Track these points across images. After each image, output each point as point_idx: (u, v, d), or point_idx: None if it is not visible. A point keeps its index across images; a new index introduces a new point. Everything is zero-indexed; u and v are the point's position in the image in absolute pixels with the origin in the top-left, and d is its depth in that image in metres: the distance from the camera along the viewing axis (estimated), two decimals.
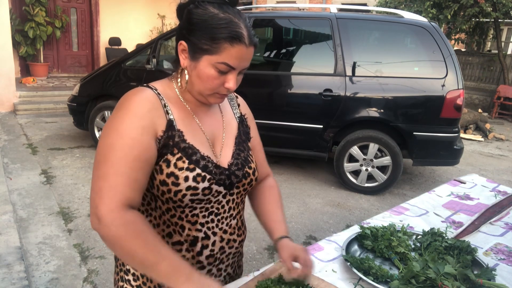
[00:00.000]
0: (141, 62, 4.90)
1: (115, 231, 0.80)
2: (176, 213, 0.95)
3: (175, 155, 0.91)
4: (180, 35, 0.93)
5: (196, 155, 0.94)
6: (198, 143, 0.96)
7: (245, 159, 1.05)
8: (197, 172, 0.92)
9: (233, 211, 1.04)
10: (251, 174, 1.05)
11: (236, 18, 0.88)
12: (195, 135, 0.97)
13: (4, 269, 2.45)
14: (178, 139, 0.92)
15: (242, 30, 0.87)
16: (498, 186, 2.07)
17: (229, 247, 1.04)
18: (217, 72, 0.89)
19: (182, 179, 0.90)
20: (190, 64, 0.92)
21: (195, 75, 0.91)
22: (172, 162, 0.91)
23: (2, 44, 6.67)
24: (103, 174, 0.83)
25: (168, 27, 10.37)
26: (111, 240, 0.81)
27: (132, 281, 1.01)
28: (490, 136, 7.50)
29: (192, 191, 0.92)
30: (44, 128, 6.10)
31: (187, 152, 0.93)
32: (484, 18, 9.41)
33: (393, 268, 1.22)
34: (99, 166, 0.85)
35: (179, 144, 0.92)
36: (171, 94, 0.97)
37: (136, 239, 0.81)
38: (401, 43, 4.31)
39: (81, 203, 3.62)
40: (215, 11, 0.88)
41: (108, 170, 0.83)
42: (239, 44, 0.87)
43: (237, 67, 0.90)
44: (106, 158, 0.84)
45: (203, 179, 0.93)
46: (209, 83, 0.91)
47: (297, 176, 4.67)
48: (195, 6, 0.90)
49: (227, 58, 0.88)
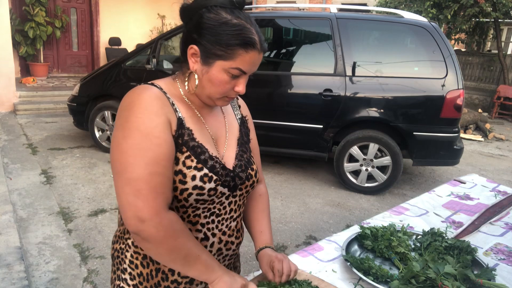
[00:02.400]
0: (141, 62, 4.90)
1: (162, 232, 0.83)
2: (178, 213, 0.95)
3: (183, 153, 0.91)
4: (190, 39, 0.92)
5: (204, 154, 0.94)
6: (206, 142, 0.97)
7: (248, 160, 1.06)
8: (204, 172, 0.92)
9: (234, 213, 1.04)
10: (253, 176, 1.06)
11: (248, 23, 0.89)
12: (201, 134, 0.97)
13: (4, 269, 2.45)
14: (188, 137, 0.93)
15: (255, 36, 0.89)
16: (498, 186, 2.07)
17: (227, 249, 1.04)
18: (229, 76, 0.90)
19: (190, 177, 0.91)
20: (202, 69, 0.91)
21: (207, 79, 0.91)
22: (181, 160, 0.91)
23: (2, 44, 6.67)
24: (138, 175, 0.82)
25: (168, 27, 10.36)
26: (157, 240, 0.84)
27: (128, 280, 1.01)
28: (490, 136, 7.50)
29: (198, 191, 0.92)
30: (44, 128, 6.10)
31: (195, 151, 0.93)
32: (484, 18, 9.40)
33: (393, 268, 1.22)
34: (130, 168, 0.83)
35: (188, 143, 0.92)
36: (175, 92, 0.97)
37: (179, 237, 0.86)
38: (401, 43, 4.31)
39: (81, 203, 3.62)
40: (228, 17, 0.88)
41: (143, 171, 0.83)
42: (253, 50, 0.89)
43: (248, 72, 0.92)
44: (137, 159, 0.83)
45: (210, 179, 0.93)
46: (221, 87, 0.92)
47: (297, 176, 4.67)
48: (207, 10, 0.89)
49: (241, 63, 0.89)
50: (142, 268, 0.99)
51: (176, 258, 0.87)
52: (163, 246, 0.85)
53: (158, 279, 0.99)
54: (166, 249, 0.85)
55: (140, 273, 0.99)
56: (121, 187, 0.84)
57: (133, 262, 1.00)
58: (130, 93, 0.91)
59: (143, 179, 0.82)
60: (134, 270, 1.00)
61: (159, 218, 0.83)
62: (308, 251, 1.32)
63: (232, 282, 0.92)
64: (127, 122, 0.86)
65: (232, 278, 0.93)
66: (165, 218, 0.84)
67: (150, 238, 0.83)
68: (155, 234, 0.83)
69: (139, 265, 0.99)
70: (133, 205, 0.82)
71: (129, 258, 1.00)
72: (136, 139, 0.84)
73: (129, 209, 0.83)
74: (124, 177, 0.83)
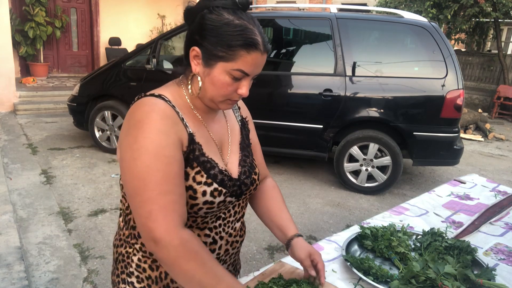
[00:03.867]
0: (141, 62, 4.89)
1: (174, 252, 0.81)
2: (187, 222, 0.95)
3: (194, 168, 0.91)
4: (192, 41, 0.90)
5: (214, 169, 0.93)
6: (213, 154, 0.96)
7: (251, 165, 1.06)
8: (214, 187, 0.92)
9: (238, 215, 1.06)
10: (257, 180, 1.07)
11: (250, 24, 0.87)
12: (209, 146, 0.96)
13: (4, 269, 2.45)
14: (198, 152, 0.92)
15: (257, 37, 0.86)
16: (498, 186, 2.07)
17: (233, 249, 1.06)
18: (232, 79, 0.88)
19: (200, 193, 0.90)
20: (204, 71, 0.90)
21: (209, 81, 0.90)
22: (191, 176, 0.90)
23: (2, 44, 6.67)
24: (149, 197, 0.82)
25: (168, 27, 10.36)
26: (171, 261, 0.82)
27: (135, 283, 1.00)
28: (490, 136, 7.50)
29: (208, 205, 0.92)
30: (44, 128, 6.10)
31: (205, 166, 0.92)
32: (484, 18, 9.41)
33: (393, 268, 1.22)
34: (140, 191, 0.82)
35: (199, 158, 0.92)
36: (182, 103, 0.95)
37: (194, 259, 0.82)
38: (401, 43, 4.31)
39: (81, 203, 3.62)
40: (230, 17, 0.86)
41: (152, 192, 0.82)
42: (255, 51, 0.86)
43: (251, 74, 0.90)
44: (147, 181, 0.82)
45: (220, 193, 0.93)
46: (223, 90, 0.90)
47: (297, 176, 4.67)
48: (209, 11, 0.87)
49: (242, 65, 0.87)
50: (150, 271, 0.98)
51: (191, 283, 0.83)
52: (175, 268, 0.82)
53: (168, 281, 0.98)
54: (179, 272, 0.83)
55: (149, 276, 0.99)
56: (135, 209, 0.84)
57: (140, 266, 0.99)
58: (138, 108, 0.88)
59: (153, 199, 0.82)
60: (141, 273, 0.99)
61: (169, 238, 0.81)
62: None
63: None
64: (136, 142, 0.84)
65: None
66: (177, 237, 0.81)
67: (163, 259, 0.82)
68: (167, 255, 0.81)
69: (147, 268, 0.98)
70: (146, 227, 0.82)
71: (136, 262, 0.99)
72: (146, 161, 0.82)
73: (144, 232, 0.83)
74: (137, 200, 0.83)
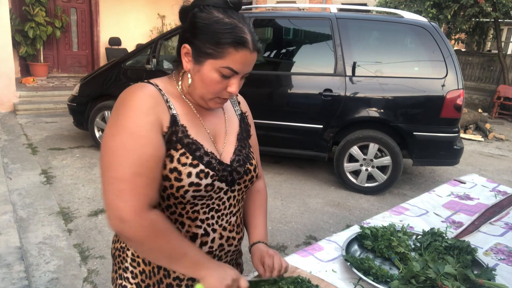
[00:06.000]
0: (141, 62, 4.90)
1: (141, 232, 0.84)
2: (176, 210, 0.95)
3: (178, 150, 0.91)
4: (184, 38, 0.93)
5: (199, 150, 0.94)
6: (202, 139, 0.97)
7: (247, 155, 1.06)
8: (200, 168, 0.92)
9: (233, 208, 1.05)
10: (252, 171, 1.06)
11: (240, 23, 0.89)
12: (198, 130, 0.97)
13: (4, 269, 2.45)
14: (182, 134, 0.93)
15: (246, 35, 0.88)
16: (498, 186, 2.07)
17: (228, 245, 1.04)
18: (220, 76, 0.90)
19: (185, 175, 0.91)
20: (194, 68, 0.92)
21: (198, 78, 0.92)
22: (176, 158, 0.91)
23: (2, 44, 6.67)
24: (121, 175, 0.83)
25: (168, 27, 10.37)
26: (138, 240, 0.85)
27: (131, 279, 1.01)
28: (490, 136, 7.50)
29: (194, 187, 0.92)
30: (44, 128, 6.09)
31: (190, 147, 0.93)
32: (484, 18, 9.40)
33: (393, 268, 1.22)
34: (114, 167, 0.84)
35: (183, 140, 0.92)
36: (172, 90, 0.97)
37: (161, 237, 0.86)
38: (401, 43, 4.31)
39: (81, 203, 3.62)
40: (220, 16, 0.88)
41: (126, 170, 0.83)
42: (244, 49, 0.88)
43: (240, 72, 0.91)
44: (121, 158, 0.84)
45: (206, 175, 0.93)
46: (212, 87, 0.91)
47: (297, 176, 4.67)
48: (200, 9, 0.90)
49: (231, 62, 0.88)
50: (144, 265, 0.99)
51: (159, 257, 0.88)
52: (144, 246, 0.86)
53: (161, 276, 0.99)
54: (148, 249, 0.87)
55: (143, 271, 1.00)
56: (105, 185, 0.85)
57: (135, 260, 1.00)
58: (125, 91, 0.91)
59: (125, 179, 0.83)
60: (136, 268, 1.00)
61: (140, 219, 0.83)
62: (308, 251, 1.32)
63: (222, 277, 0.91)
64: (117, 119, 0.86)
65: (223, 272, 0.91)
66: (146, 219, 0.84)
67: (130, 238, 0.85)
68: (135, 234, 0.84)
69: (141, 262, 1.00)
70: (115, 205, 0.83)
71: (130, 257, 1.01)
72: (123, 138, 0.84)
73: (111, 209, 0.84)
74: (108, 176, 0.85)
